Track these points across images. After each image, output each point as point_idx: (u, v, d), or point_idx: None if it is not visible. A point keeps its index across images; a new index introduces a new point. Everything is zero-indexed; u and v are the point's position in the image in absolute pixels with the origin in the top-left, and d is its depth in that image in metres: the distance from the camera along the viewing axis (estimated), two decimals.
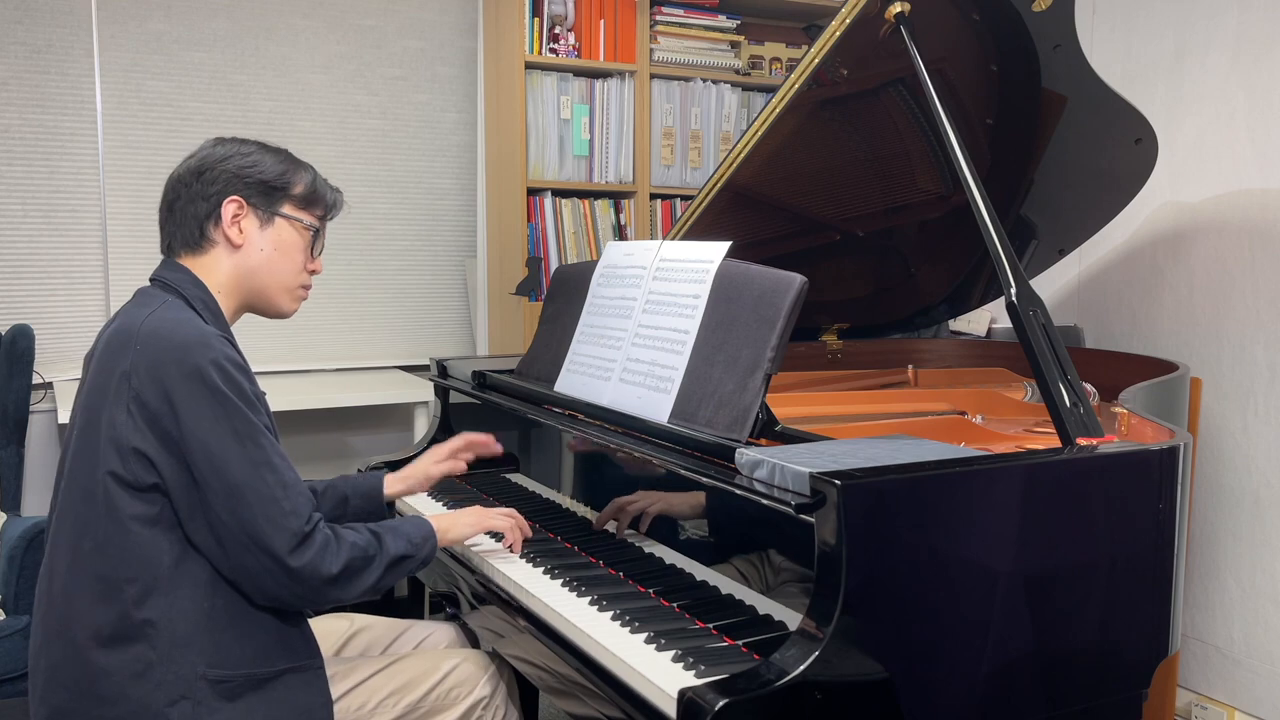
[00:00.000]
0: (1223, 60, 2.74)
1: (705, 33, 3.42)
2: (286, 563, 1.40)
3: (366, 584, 1.51)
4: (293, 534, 1.40)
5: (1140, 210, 2.83)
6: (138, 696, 1.37)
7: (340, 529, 1.50)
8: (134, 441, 1.37)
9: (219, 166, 1.54)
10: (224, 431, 1.38)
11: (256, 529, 1.38)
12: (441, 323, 3.81)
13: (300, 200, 1.60)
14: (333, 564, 1.44)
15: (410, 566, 1.59)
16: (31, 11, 3.15)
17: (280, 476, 1.41)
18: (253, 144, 1.59)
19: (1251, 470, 2.69)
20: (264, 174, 1.56)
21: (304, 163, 1.63)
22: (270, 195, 1.56)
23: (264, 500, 1.39)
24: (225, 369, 1.40)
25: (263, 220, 1.57)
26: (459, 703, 1.71)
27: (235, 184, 1.54)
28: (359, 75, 3.59)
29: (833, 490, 1.23)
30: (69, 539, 1.43)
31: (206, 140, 1.60)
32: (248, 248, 1.56)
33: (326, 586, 1.45)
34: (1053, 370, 1.60)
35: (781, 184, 2.34)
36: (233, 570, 1.42)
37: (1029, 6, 2.01)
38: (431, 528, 1.65)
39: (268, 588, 1.42)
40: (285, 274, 1.60)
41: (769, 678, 1.19)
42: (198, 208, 1.54)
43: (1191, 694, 2.83)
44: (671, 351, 1.76)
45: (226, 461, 1.38)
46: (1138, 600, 1.47)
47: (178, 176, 1.56)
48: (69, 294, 3.27)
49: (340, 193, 1.68)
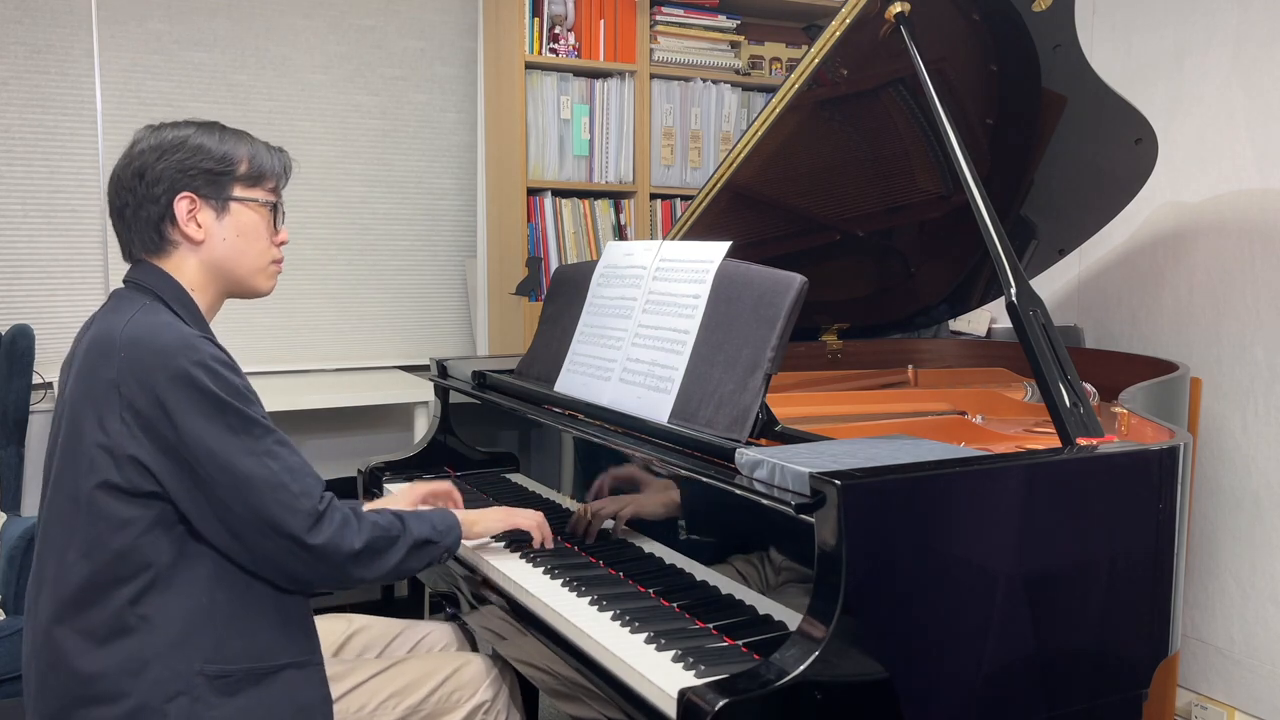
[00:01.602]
0: (1223, 60, 2.74)
1: (705, 33, 3.42)
2: (306, 541, 1.40)
3: (390, 564, 1.51)
4: (307, 514, 1.40)
5: (1140, 210, 2.83)
6: (135, 694, 1.37)
7: (361, 509, 1.51)
8: (130, 450, 1.37)
9: (158, 165, 1.49)
10: (221, 429, 1.38)
11: (270, 515, 1.38)
12: (441, 323, 3.81)
13: (248, 179, 1.54)
14: (354, 540, 1.44)
15: (433, 553, 1.58)
16: (31, 11, 3.14)
17: (284, 462, 1.41)
18: (186, 127, 1.53)
19: (1251, 470, 2.69)
20: (204, 162, 1.50)
21: (239, 133, 1.57)
22: (217, 182, 1.51)
23: (273, 486, 1.39)
24: (211, 368, 1.39)
25: (218, 209, 1.52)
26: (460, 706, 1.70)
27: (180, 180, 1.49)
28: (359, 75, 3.59)
29: (833, 490, 1.23)
30: (58, 545, 1.42)
31: (138, 130, 1.54)
32: (210, 240, 1.52)
33: (349, 563, 1.45)
34: (1053, 370, 1.60)
35: (781, 184, 2.34)
36: (255, 560, 1.42)
37: (1029, 6, 2.01)
38: (456, 518, 1.65)
39: (293, 570, 1.43)
40: (253, 257, 1.56)
41: (769, 678, 1.19)
42: (149, 211, 1.50)
43: (1191, 694, 2.83)
44: (671, 351, 1.76)
45: (229, 457, 1.38)
46: (1137, 600, 1.47)
47: (117, 179, 1.51)
48: (69, 294, 3.27)
49: (284, 152, 1.61)
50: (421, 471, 2.38)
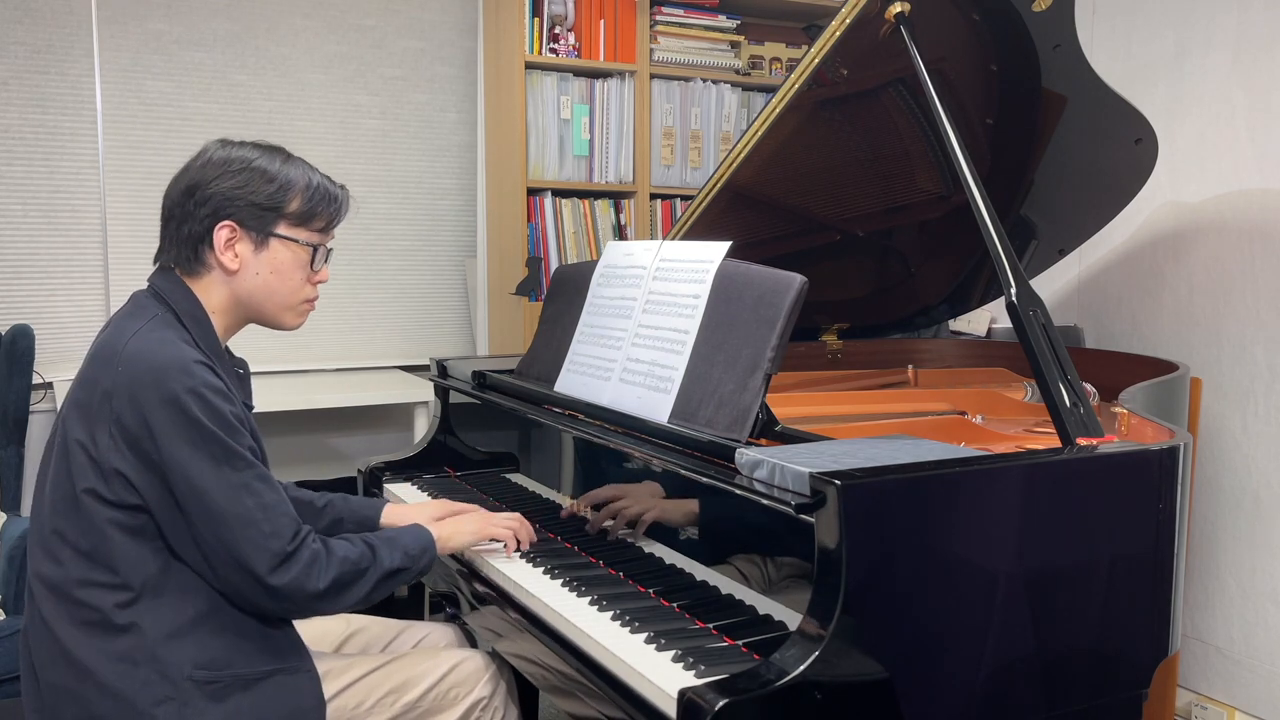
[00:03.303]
0: (1223, 60, 2.74)
1: (705, 33, 3.42)
2: (268, 582, 1.41)
3: (357, 596, 1.52)
4: (274, 554, 1.41)
5: (1140, 210, 2.83)
6: (124, 697, 1.38)
7: (333, 542, 1.51)
8: (115, 463, 1.38)
9: (209, 187, 1.49)
10: (202, 458, 1.38)
11: (238, 550, 1.40)
12: (441, 323, 3.81)
13: (296, 218, 1.54)
14: (319, 580, 1.45)
15: (406, 578, 1.60)
16: (31, 11, 3.14)
17: (260, 499, 1.42)
18: (249, 151, 1.53)
19: (1251, 470, 2.69)
20: (255, 196, 1.50)
21: (300, 168, 1.55)
22: (263, 217, 1.51)
23: (244, 523, 1.39)
24: (202, 395, 1.39)
25: (257, 243, 1.52)
26: (458, 702, 1.70)
27: (226, 207, 1.49)
28: (359, 75, 3.59)
29: (833, 490, 1.23)
30: (53, 543, 1.43)
31: (209, 142, 1.55)
32: (243, 272, 1.52)
33: (313, 601, 1.46)
34: (1053, 370, 1.60)
35: (781, 184, 2.34)
36: (220, 584, 1.44)
37: (1029, 6, 2.01)
38: (431, 538, 1.65)
39: (256, 603, 1.45)
40: (284, 295, 1.57)
41: (769, 678, 1.19)
42: (191, 228, 1.50)
43: (1191, 694, 2.83)
44: (671, 351, 1.76)
45: (205, 488, 1.38)
46: (1137, 600, 1.47)
47: (171, 188, 1.53)
48: (69, 294, 3.27)
49: (344, 190, 1.61)
50: (421, 471, 2.38)
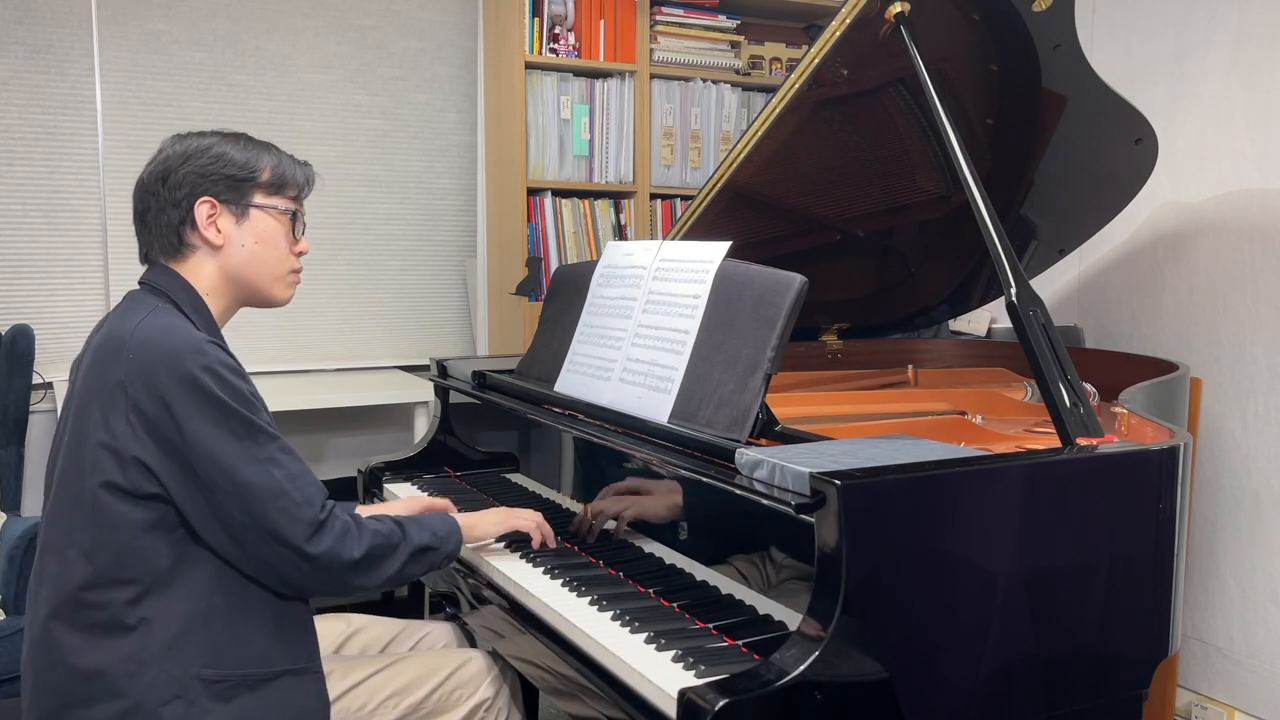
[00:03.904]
0: (1223, 60, 2.74)
1: (705, 33, 3.42)
2: (305, 550, 1.40)
3: (389, 571, 1.51)
4: (307, 523, 1.41)
5: (1140, 210, 2.83)
6: (131, 695, 1.37)
7: (361, 518, 1.51)
8: (134, 450, 1.37)
9: (182, 169, 1.50)
10: (224, 434, 1.38)
11: (271, 523, 1.39)
12: (441, 323, 3.81)
13: (270, 186, 1.55)
14: (354, 549, 1.45)
15: (434, 559, 1.59)
16: (31, 11, 3.14)
17: (286, 470, 1.42)
18: (211, 135, 1.55)
19: (1251, 470, 2.69)
20: (228, 168, 1.52)
21: (265, 144, 1.59)
22: (239, 188, 1.53)
23: (274, 494, 1.39)
24: (219, 373, 1.40)
25: (238, 215, 1.53)
26: (461, 704, 1.70)
27: (202, 184, 1.51)
28: (359, 75, 3.59)
29: (833, 490, 1.23)
30: (59, 543, 1.42)
31: (165, 139, 1.56)
32: (229, 246, 1.53)
33: (349, 572, 1.46)
34: (1053, 370, 1.60)
35: (781, 184, 2.34)
36: (254, 566, 1.42)
37: (1029, 6, 2.01)
38: (457, 523, 1.65)
39: (291, 578, 1.44)
40: (272, 264, 1.57)
41: (769, 678, 1.19)
42: (170, 215, 1.51)
43: (1191, 694, 2.83)
44: (671, 351, 1.76)
45: (232, 463, 1.38)
46: (1138, 600, 1.47)
47: (143, 183, 1.53)
48: (69, 294, 3.27)
49: (309, 166, 1.63)
50: (421, 471, 2.37)
